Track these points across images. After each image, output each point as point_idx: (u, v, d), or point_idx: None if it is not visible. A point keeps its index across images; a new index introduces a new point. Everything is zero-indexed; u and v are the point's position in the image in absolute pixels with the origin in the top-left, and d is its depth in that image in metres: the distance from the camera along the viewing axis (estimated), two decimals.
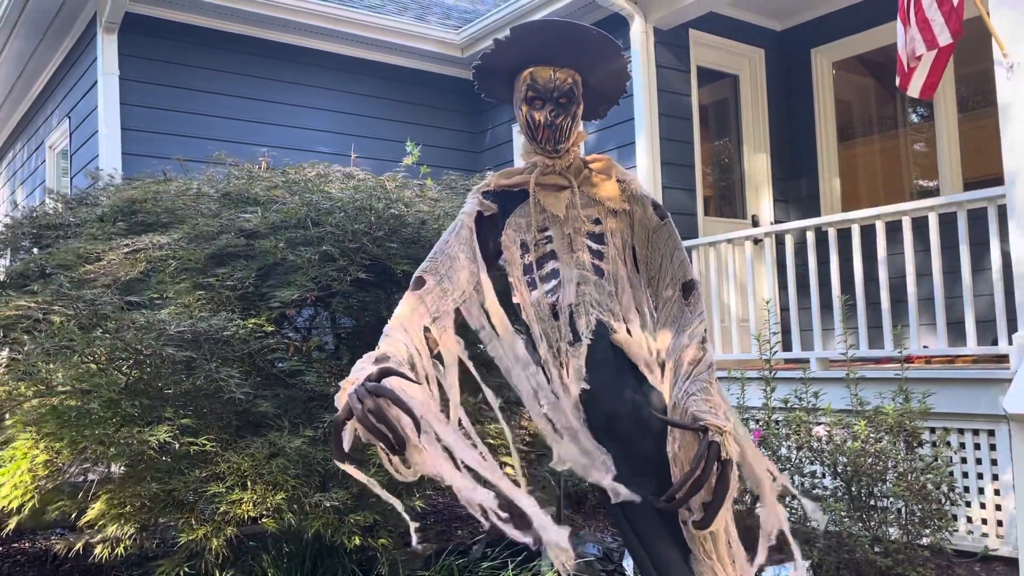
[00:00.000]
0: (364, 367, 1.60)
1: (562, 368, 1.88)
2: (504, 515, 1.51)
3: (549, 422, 1.85)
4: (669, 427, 1.80)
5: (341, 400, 1.54)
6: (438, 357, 1.84)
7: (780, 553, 1.72)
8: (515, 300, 1.97)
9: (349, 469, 1.56)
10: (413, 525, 1.63)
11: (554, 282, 1.96)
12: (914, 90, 4.49)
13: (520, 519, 1.56)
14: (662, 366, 1.91)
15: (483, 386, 1.83)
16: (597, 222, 2.00)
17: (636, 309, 1.97)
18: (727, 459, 1.59)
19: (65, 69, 7.34)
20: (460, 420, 1.74)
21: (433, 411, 1.58)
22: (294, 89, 7.14)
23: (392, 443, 1.50)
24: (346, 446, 1.53)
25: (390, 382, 1.54)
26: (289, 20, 6.91)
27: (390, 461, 1.52)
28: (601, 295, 1.94)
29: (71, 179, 7.22)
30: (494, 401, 1.85)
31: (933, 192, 6.54)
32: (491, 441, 3.19)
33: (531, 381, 1.86)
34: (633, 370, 1.90)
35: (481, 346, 1.93)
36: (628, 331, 1.92)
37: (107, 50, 6.27)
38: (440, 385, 1.83)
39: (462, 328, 1.91)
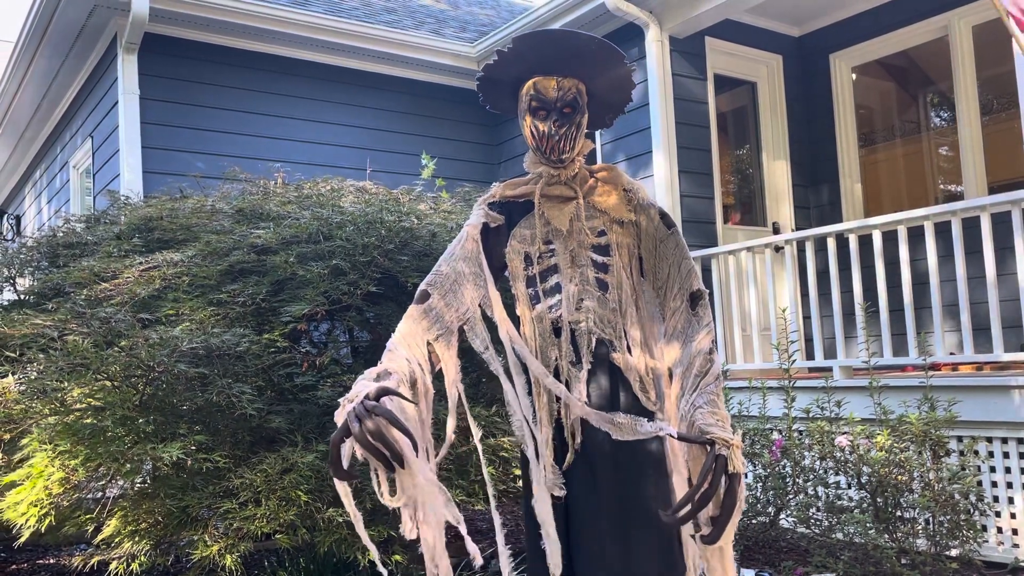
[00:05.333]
0: (365, 384, 1.59)
1: (563, 387, 1.87)
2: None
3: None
4: (668, 446, 1.78)
5: (340, 417, 1.53)
6: (439, 375, 1.83)
7: None
8: (517, 313, 1.95)
9: (341, 491, 1.57)
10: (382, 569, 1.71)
11: (557, 297, 1.93)
12: None
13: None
14: (662, 380, 1.89)
15: (469, 415, 1.83)
16: (602, 233, 1.97)
17: (640, 324, 1.94)
18: (735, 473, 1.56)
19: (88, 89, 7.45)
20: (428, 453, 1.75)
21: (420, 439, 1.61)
22: (311, 105, 7.18)
23: (389, 461, 1.49)
24: (344, 464, 1.53)
25: (388, 403, 1.53)
26: (306, 37, 6.96)
27: (379, 485, 1.52)
28: (604, 311, 1.91)
29: (94, 198, 7.30)
30: (476, 432, 1.86)
31: (957, 197, 6.43)
32: (504, 453, 3.17)
33: (526, 410, 1.88)
34: (631, 389, 1.87)
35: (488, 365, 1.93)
36: (629, 349, 1.90)
37: (127, 70, 6.36)
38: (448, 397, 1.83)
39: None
